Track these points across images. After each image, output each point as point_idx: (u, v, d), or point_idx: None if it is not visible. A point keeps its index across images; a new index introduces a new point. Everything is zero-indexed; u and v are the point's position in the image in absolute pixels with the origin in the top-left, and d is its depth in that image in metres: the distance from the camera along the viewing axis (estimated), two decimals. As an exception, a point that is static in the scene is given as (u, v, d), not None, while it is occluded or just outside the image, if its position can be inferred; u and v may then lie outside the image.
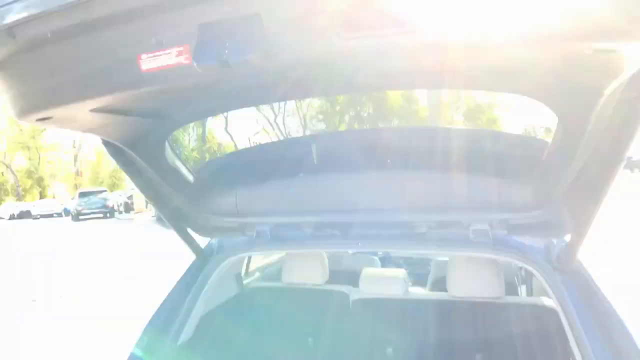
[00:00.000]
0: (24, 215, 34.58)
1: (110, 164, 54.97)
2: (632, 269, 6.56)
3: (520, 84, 1.22)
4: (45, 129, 50.56)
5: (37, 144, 50.47)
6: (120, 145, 1.50)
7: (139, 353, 1.72)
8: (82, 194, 26.32)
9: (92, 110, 1.20)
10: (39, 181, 52.55)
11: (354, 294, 2.35)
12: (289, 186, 1.86)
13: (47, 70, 1.05)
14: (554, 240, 1.68)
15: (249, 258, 2.75)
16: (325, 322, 2.42)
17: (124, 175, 47.38)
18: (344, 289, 2.40)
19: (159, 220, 20.54)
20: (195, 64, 0.87)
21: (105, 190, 28.45)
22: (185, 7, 0.87)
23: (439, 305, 2.25)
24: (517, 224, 1.68)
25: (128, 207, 26.32)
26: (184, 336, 1.80)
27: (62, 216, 31.98)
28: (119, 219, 24.73)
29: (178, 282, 1.96)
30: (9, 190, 51.48)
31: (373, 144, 1.79)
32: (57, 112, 1.15)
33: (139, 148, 1.55)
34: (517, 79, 1.17)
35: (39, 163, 51.69)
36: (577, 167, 1.28)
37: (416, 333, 2.26)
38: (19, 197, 49.18)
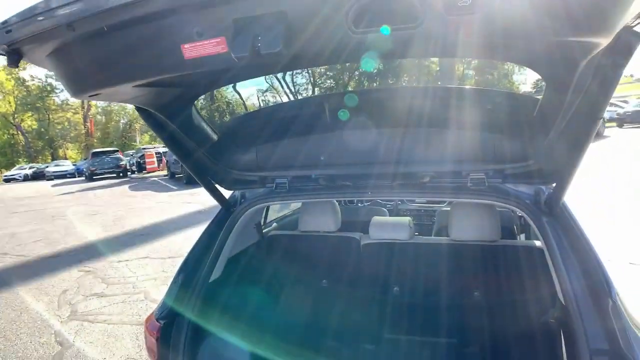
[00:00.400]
0: (38, 176, 35.14)
1: (119, 124, 55.32)
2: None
3: (516, 54, 1.37)
4: (52, 90, 50.70)
5: (45, 104, 50.56)
6: (153, 111, 1.67)
7: (175, 289, 1.96)
8: (95, 154, 26.57)
9: (134, 86, 1.39)
10: (50, 142, 52.98)
11: (364, 239, 2.58)
12: (305, 142, 2.03)
13: (103, 58, 1.24)
14: (542, 187, 1.85)
15: (267, 210, 2.98)
16: (337, 265, 2.67)
17: (134, 136, 47.19)
18: (355, 235, 2.63)
19: (171, 178, 21.00)
20: (232, 55, 1.05)
21: (118, 150, 28.65)
22: (221, 5, 1.03)
23: (441, 248, 2.47)
24: (510, 173, 1.84)
25: (141, 167, 26.68)
26: (214, 275, 2.04)
27: (75, 176, 32.52)
28: (132, 178, 25.15)
29: (206, 229, 2.19)
30: (21, 151, 52.09)
31: (382, 103, 1.94)
32: (107, 89, 1.34)
33: (169, 112, 1.72)
34: (513, 51, 1.32)
35: (48, 124, 51.88)
36: (562, 124, 1.43)
37: (420, 273, 2.51)
38: (31, 159, 49.85)
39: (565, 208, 1.78)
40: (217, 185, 2.21)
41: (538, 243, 2.16)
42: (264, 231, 2.76)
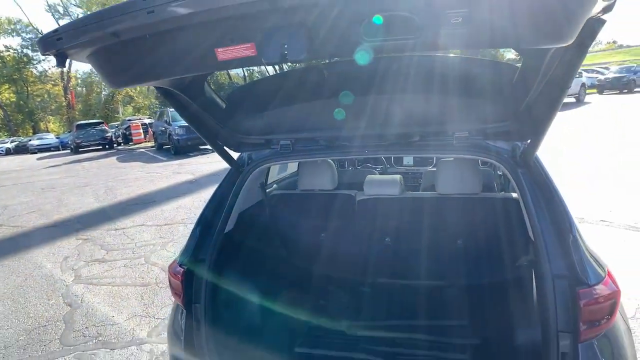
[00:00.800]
0: (21, 150, 34.53)
1: (101, 96, 54.14)
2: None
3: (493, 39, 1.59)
4: (29, 61, 49.19)
5: (23, 76, 49.12)
6: (172, 89, 1.85)
7: (194, 239, 2.18)
8: (80, 126, 26.11)
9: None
10: (30, 115, 51.77)
11: (359, 196, 2.83)
12: (307, 107, 2.20)
13: (142, 59, 1.46)
14: (519, 143, 2.08)
15: (268, 172, 3.19)
16: (334, 219, 2.92)
17: (116, 108, 46.12)
18: (351, 192, 2.88)
19: (159, 149, 20.96)
20: (263, 60, 1.26)
21: (103, 122, 28.23)
22: (251, 17, 1.23)
23: (429, 201, 2.74)
24: (491, 132, 2.05)
25: (127, 139, 26.46)
26: (228, 227, 2.26)
27: (59, 149, 32.11)
28: (119, 150, 24.98)
29: (219, 187, 2.39)
30: (0, 125, 50.93)
31: (377, 72, 2.12)
32: (144, 84, 1.56)
33: (186, 89, 1.90)
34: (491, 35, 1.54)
35: (27, 97, 50.57)
36: (538, 90, 1.65)
37: (409, 225, 2.78)
38: (12, 132, 48.80)
39: (537, 161, 2.01)
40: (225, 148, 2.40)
41: (515, 195, 2.42)
42: (266, 191, 2.99)
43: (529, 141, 1.95)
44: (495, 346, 2.23)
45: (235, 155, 2.51)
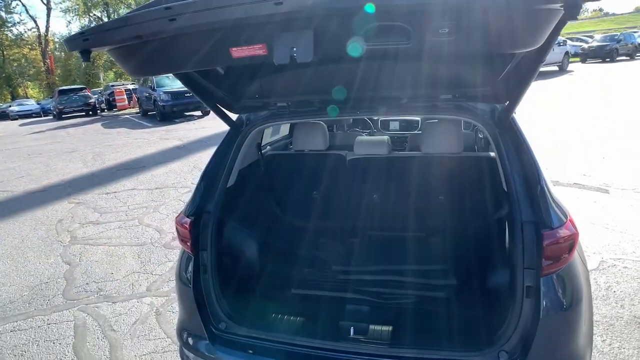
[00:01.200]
0: (1, 116, 33.68)
1: (79, 61, 52.57)
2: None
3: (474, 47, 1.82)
4: (3, 24, 47.29)
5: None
6: None
7: (199, 193, 2.35)
8: (62, 92, 25.53)
9: None
10: (8, 80, 50.22)
11: (350, 155, 3.02)
12: (302, 72, 2.34)
13: (163, 54, 1.64)
14: (497, 105, 2.27)
15: (262, 134, 3.35)
16: (326, 178, 3.13)
17: (97, 73, 44.73)
18: (342, 152, 3.07)
19: (144, 115, 20.74)
20: (274, 62, 1.44)
21: (85, 88, 27.61)
22: (264, 22, 1.38)
23: (414, 160, 2.95)
24: (472, 95, 2.23)
25: (111, 105, 26.03)
26: (230, 182, 2.43)
27: (40, 116, 31.47)
28: (103, 116, 24.63)
29: (220, 146, 2.53)
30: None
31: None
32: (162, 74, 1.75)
33: None
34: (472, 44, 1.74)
35: (3, 61, 48.96)
36: (517, 60, 1.84)
37: (396, 182, 3.00)
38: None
39: (513, 122, 2.20)
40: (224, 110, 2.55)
41: (492, 154, 2.63)
42: (262, 152, 3.16)
43: (506, 104, 2.13)
44: (471, 285, 2.49)
45: (234, 117, 2.66)
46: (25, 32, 49.45)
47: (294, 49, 1.41)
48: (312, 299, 2.56)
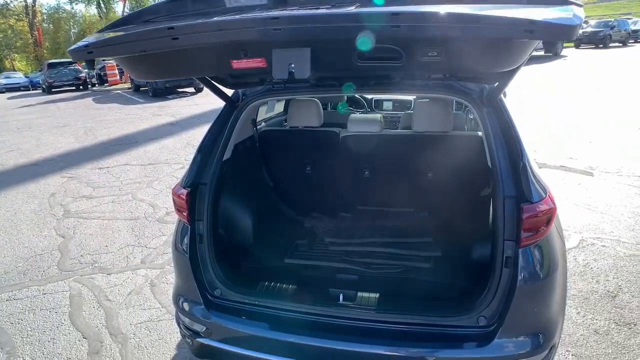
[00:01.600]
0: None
1: (70, 33, 51.50)
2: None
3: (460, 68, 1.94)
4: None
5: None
6: None
7: (196, 165, 2.41)
8: (52, 65, 24.96)
9: None
10: (-6, 52, 49.16)
11: (343, 133, 3.10)
12: None
13: (165, 64, 1.78)
14: (486, 86, 2.35)
15: (258, 110, 3.39)
16: (320, 154, 3.20)
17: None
18: (335, 129, 3.14)
19: (136, 90, 20.52)
20: (274, 77, 1.56)
21: (76, 62, 27.09)
22: (263, 38, 1.46)
23: (405, 138, 3.03)
24: (462, 75, 2.33)
25: (102, 79, 25.65)
26: (226, 156, 2.50)
27: (29, 89, 30.91)
28: (94, 91, 24.29)
29: (216, 120, 2.56)
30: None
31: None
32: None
33: None
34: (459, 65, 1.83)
35: (-12, 32, 47.83)
36: None
37: (387, 159, 3.08)
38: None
39: (501, 102, 2.28)
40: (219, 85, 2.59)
41: (480, 133, 2.71)
42: (257, 127, 3.21)
43: (495, 84, 2.21)
44: (454, 257, 2.61)
45: (229, 93, 2.70)
46: (12, 1, 48.11)
47: (292, 65, 1.52)
48: (304, 269, 2.66)
